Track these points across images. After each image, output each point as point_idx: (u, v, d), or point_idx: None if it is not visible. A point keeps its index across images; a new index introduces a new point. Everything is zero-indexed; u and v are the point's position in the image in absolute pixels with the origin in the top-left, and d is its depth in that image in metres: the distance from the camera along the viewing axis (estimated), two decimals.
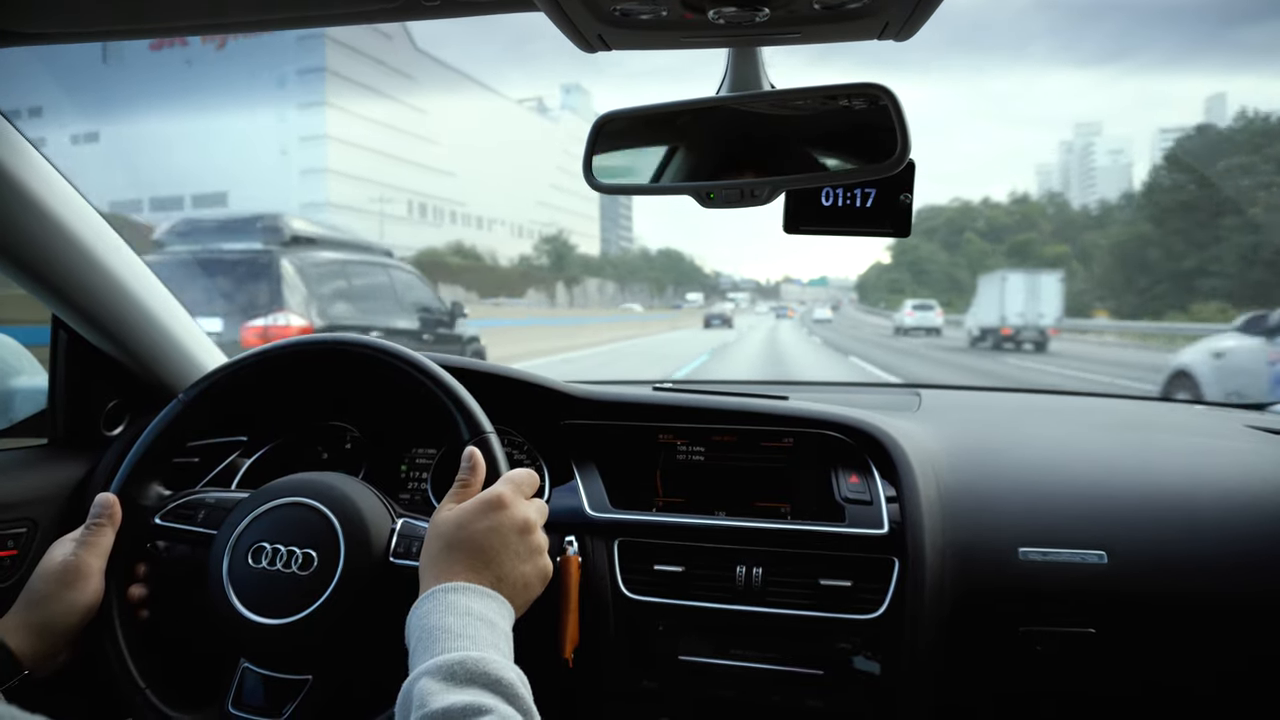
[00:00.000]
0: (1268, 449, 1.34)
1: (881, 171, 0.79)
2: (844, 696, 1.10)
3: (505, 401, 1.18)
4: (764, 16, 0.72)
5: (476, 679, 0.68)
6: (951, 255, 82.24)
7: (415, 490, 1.31)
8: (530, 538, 0.86)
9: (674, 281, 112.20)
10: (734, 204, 0.86)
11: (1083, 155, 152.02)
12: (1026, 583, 1.12)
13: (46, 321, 1.29)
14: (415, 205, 72.03)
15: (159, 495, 1.03)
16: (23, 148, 1.08)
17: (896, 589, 1.09)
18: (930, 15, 0.72)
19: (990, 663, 1.15)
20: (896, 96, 0.76)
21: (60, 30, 0.94)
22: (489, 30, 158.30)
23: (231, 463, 1.33)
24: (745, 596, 1.13)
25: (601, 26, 0.75)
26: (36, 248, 1.13)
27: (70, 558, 0.92)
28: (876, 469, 1.21)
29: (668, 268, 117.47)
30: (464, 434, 0.96)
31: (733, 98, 0.83)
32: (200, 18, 0.91)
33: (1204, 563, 1.12)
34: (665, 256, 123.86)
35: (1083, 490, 1.20)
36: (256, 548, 0.92)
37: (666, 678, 1.15)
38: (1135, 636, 1.11)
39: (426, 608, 0.76)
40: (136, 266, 1.27)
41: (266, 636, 0.88)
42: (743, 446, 1.27)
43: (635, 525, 1.19)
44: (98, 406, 1.33)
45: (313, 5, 0.88)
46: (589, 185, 0.87)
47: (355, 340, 1.04)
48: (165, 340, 1.34)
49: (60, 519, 1.21)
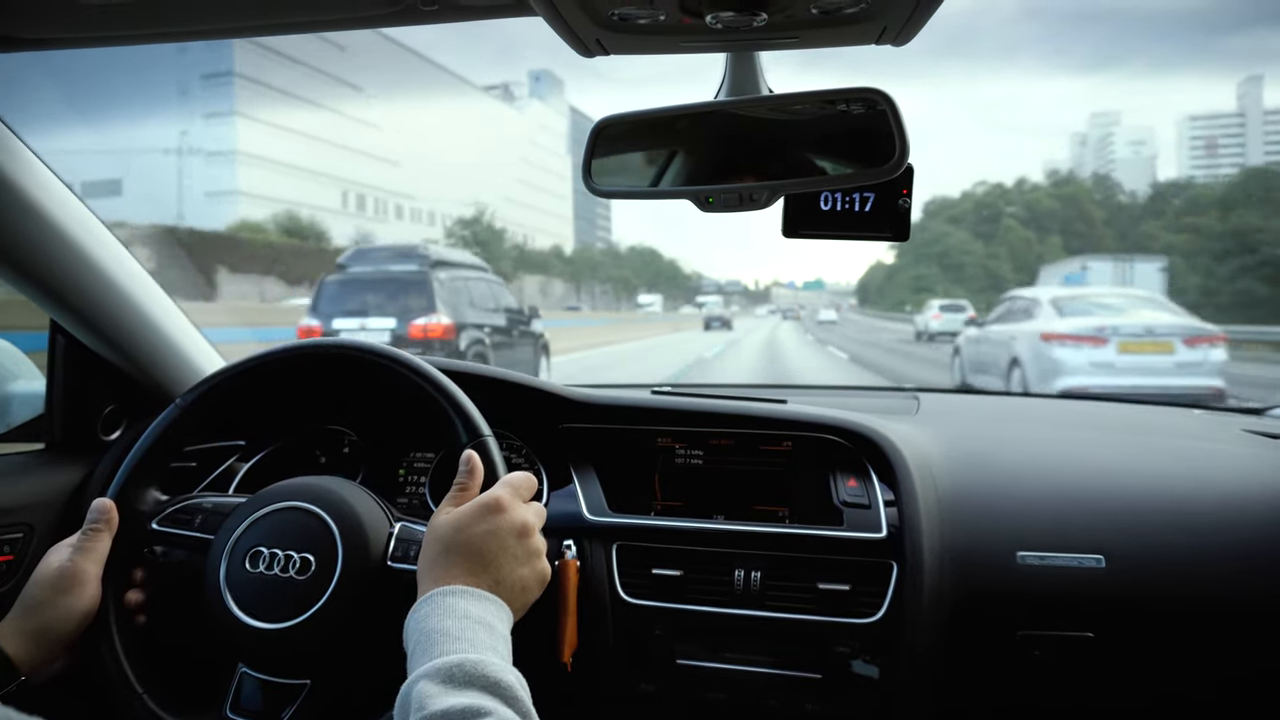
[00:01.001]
0: (1265, 453, 1.34)
1: (880, 176, 0.79)
2: (842, 700, 1.10)
3: (503, 405, 1.18)
4: (762, 21, 0.72)
5: (475, 681, 0.68)
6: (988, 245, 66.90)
7: (413, 494, 1.31)
8: (528, 541, 0.86)
9: (647, 283, 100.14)
10: (733, 208, 0.86)
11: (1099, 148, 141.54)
12: (1024, 587, 1.12)
13: (44, 328, 1.29)
14: (352, 196, 63.99)
15: (156, 500, 1.03)
16: (21, 153, 1.08)
17: (895, 593, 1.09)
18: (928, 19, 0.72)
19: (988, 667, 1.14)
20: (894, 101, 0.77)
21: (58, 36, 0.94)
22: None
23: (229, 467, 1.33)
24: (743, 600, 1.12)
25: (599, 31, 0.75)
26: (34, 252, 1.12)
27: (67, 563, 0.92)
28: (875, 473, 1.21)
29: (641, 267, 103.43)
30: (462, 437, 0.96)
31: (731, 102, 0.83)
32: (197, 23, 0.91)
33: (1202, 567, 1.12)
34: (638, 255, 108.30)
35: (1081, 494, 1.20)
36: (254, 552, 0.91)
37: (664, 681, 1.15)
38: (1133, 641, 1.11)
39: (424, 611, 0.76)
40: (134, 271, 1.27)
41: (264, 641, 0.88)
42: (741, 450, 1.27)
43: (633, 529, 1.19)
44: (95, 411, 1.33)
45: (308, 11, 0.88)
46: (588, 189, 0.87)
47: (353, 344, 1.04)
48: (163, 345, 1.34)
49: (57, 524, 1.20)
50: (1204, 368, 7.99)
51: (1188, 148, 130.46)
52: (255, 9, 0.87)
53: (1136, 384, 7.73)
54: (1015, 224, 66.89)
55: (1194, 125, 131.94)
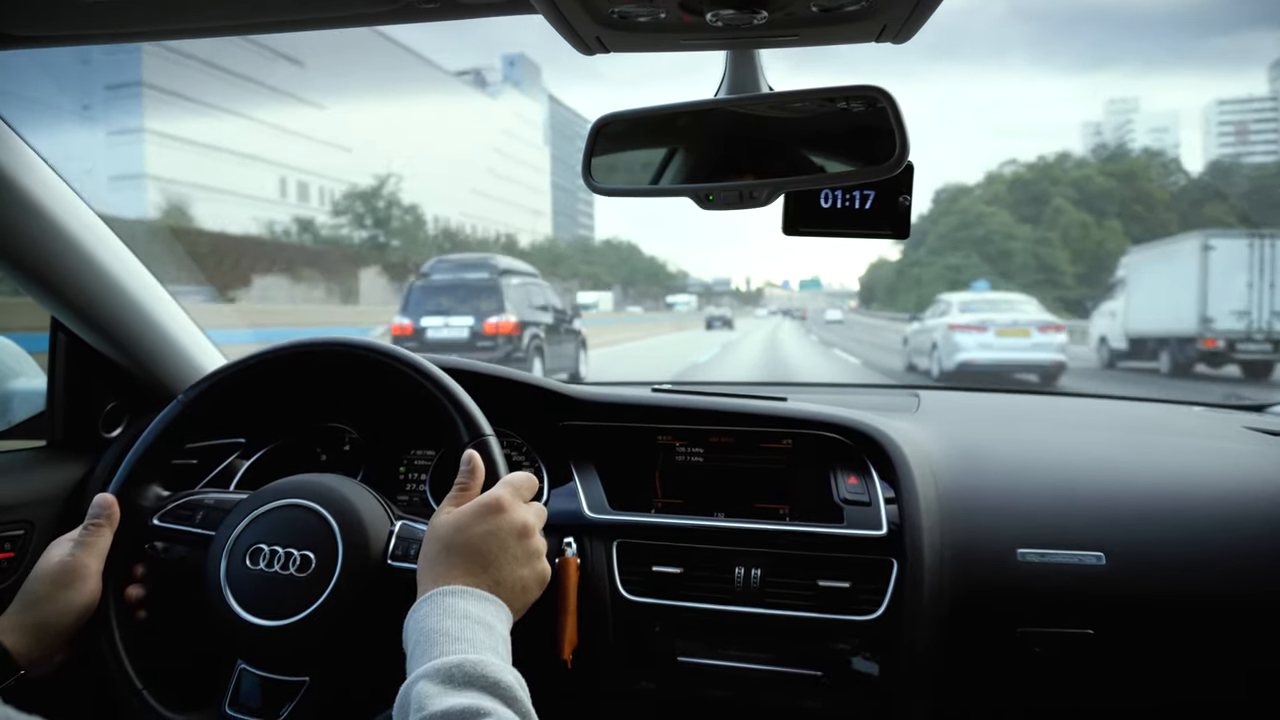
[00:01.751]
0: (1267, 450, 1.34)
1: (880, 173, 0.79)
2: (842, 697, 1.10)
3: (504, 403, 1.18)
4: (762, 19, 0.72)
5: (475, 681, 0.68)
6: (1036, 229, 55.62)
7: (414, 492, 1.31)
8: (528, 542, 0.87)
9: (624, 280, 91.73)
10: (733, 206, 0.86)
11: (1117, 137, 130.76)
12: (1025, 584, 1.12)
13: (45, 328, 1.29)
14: (292, 183, 54.80)
15: (157, 496, 1.03)
16: (22, 150, 1.08)
17: (895, 590, 1.09)
18: (929, 17, 0.72)
19: (989, 664, 1.14)
20: (895, 99, 0.76)
21: (55, 34, 0.93)
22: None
23: (230, 464, 1.33)
24: (744, 598, 1.13)
25: (599, 29, 0.75)
26: (35, 249, 1.12)
27: (68, 558, 0.92)
28: (875, 470, 1.21)
29: (616, 263, 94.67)
30: (463, 436, 0.96)
31: (731, 100, 0.83)
32: (193, 21, 0.91)
33: (1202, 564, 1.12)
34: (612, 249, 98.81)
35: (1081, 491, 1.20)
36: (254, 549, 0.92)
37: (665, 679, 1.15)
38: (1134, 638, 1.11)
39: (424, 610, 0.77)
40: (135, 268, 1.27)
41: (264, 638, 0.88)
42: (741, 448, 1.27)
43: (634, 527, 1.19)
44: (96, 408, 1.33)
45: (305, 9, 0.87)
46: (588, 188, 0.87)
47: (354, 342, 1.04)
48: (164, 342, 1.34)
49: (58, 521, 1.21)
50: (1050, 347, 11.82)
51: (1216, 133, 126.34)
52: (251, 6, 0.87)
53: (1008, 358, 11.77)
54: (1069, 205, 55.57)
55: (1223, 110, 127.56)
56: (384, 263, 42.03)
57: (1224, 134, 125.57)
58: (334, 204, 49.63)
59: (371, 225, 46.95)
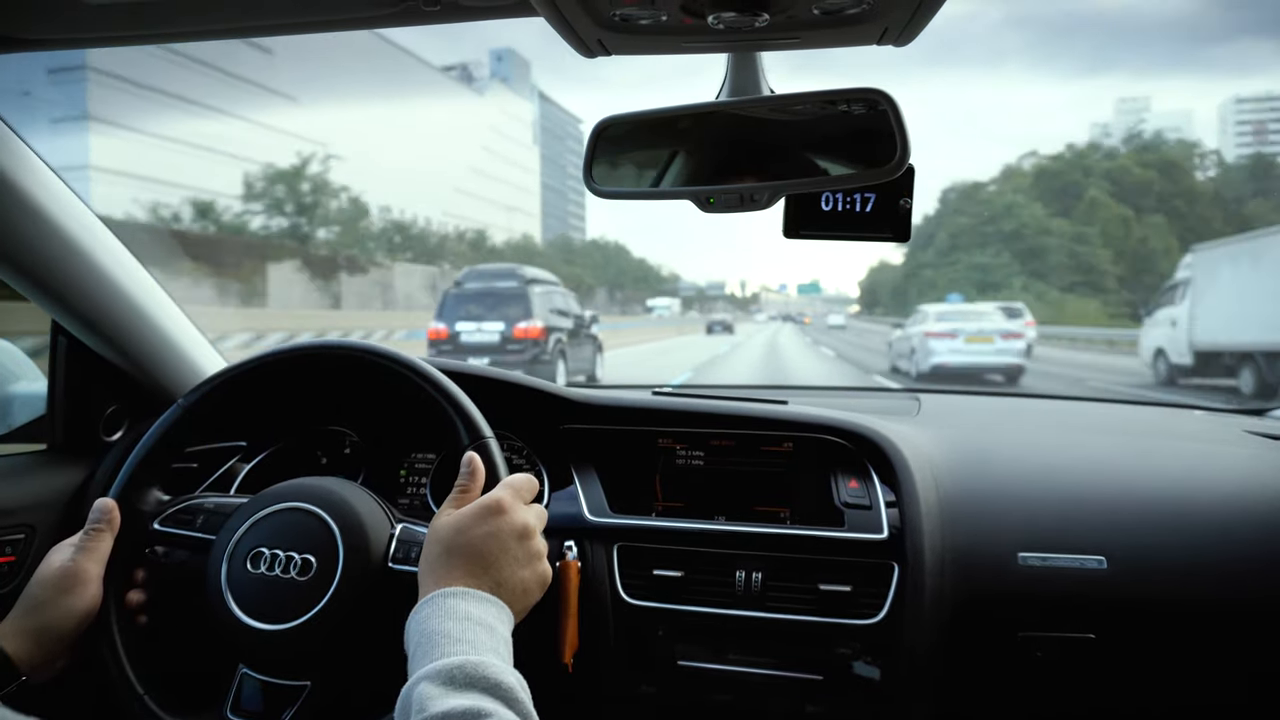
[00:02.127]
0: (1267, 454, 1.34)
1: (881, 176, 0.79)
2: (843, 702, 1.10)
3: (504, 406, 1.18)
4: (763, 21, 0.72)
5: (476, 683, 0.68)
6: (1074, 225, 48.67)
7: (414, 495, 1.31)
8: (529, 543, 0.86)
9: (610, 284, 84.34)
10: (734, 209, 0.86)
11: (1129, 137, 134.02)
12: (1026, 588, 1.11)
13: (46, 333, 1.29)
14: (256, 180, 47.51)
15: (158, 500, 1.03)
16: (22, 152, 1.08)
17: (896, 594, 1.09)
18: (930, 20, 0.72)
19: (990, 668, 1.14)
20: (896, 101, 0.76)
21: (60, 36, 0.94)
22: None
23: (230, 468, 1.33)
24: (744, 601, 1.12)
25: (601, 31, 0.75)
26: (35, 252, 1.12)
27: (68, 563, 0.92)
28: (876, 474, 1.21)
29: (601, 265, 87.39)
30: (463, 439, 0.96)
31: (732, 102, 0.83)
32: (195, 24, 0.91)
33: (1203, 568, 1.11)
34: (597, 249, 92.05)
35: (1082, 495, 1.20)
36: (255, 553, 0.91)
37: (665, 682, 1.15)
38: (1135, 642, 1.11)
39: (425, 613, 0.76)
40: (136, 271, 1.27)
41: (265, 642, 0.88)
42: (742, 451, 1.27)
43: (634, 530, 1.18)
44: (97, 412, 1.33)
45: (307, 11, 0.88)
46: (590, 190, 0.87)
47: (354, 345, 1.04)
48: (164, 345, 1.34)
49: (59, 525, 1.20)
50: (1010, 352, 13.72)
51: (1233, 132, 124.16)
52: (252, 9, 0.87)
53: (975, 361, 13.65)
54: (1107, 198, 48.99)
55: (1240, 108, 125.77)
56: (306, 256, 34.51)
57: (1241, 133, 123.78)
58: (246, 186, 40.26)
59: (293, 212, 38.71)
